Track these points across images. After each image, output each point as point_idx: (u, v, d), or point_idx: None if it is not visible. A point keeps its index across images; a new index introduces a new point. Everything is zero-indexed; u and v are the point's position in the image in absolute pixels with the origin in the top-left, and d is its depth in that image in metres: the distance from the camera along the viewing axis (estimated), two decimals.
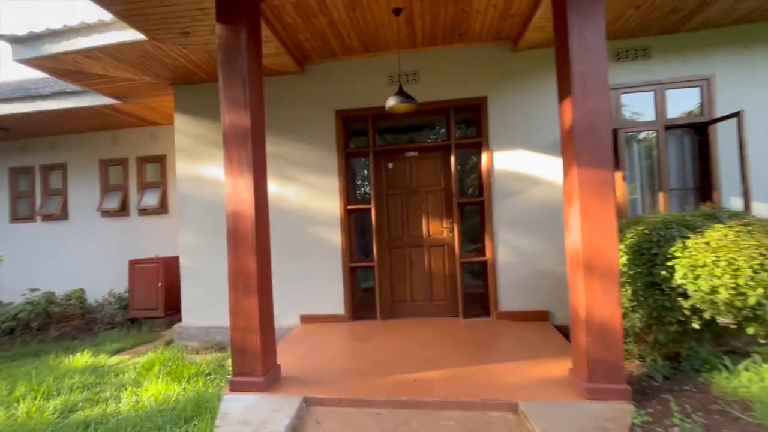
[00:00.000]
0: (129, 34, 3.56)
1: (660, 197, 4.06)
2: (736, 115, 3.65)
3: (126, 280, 5.86)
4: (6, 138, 6.61)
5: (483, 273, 4.46)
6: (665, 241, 2.54)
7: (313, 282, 4.53)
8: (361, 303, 4.71)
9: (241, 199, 2.74)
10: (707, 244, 2.37)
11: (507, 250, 4.27)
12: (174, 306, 5.40)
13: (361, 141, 4.78)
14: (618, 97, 4.14)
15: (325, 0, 3.33)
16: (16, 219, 6.83)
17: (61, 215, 6.57)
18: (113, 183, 6.52)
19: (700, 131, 4.07)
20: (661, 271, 2.48)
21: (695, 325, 2.44)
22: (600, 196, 2.43)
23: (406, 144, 4.74)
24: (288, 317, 4.48)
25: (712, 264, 2.27)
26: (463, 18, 3.76)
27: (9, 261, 6.29)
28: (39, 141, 6.77)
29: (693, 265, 2.35)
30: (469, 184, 4.75)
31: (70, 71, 4.28)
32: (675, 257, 2.44)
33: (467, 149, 4.58)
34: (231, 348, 2.76)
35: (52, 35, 3.79)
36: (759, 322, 2.24)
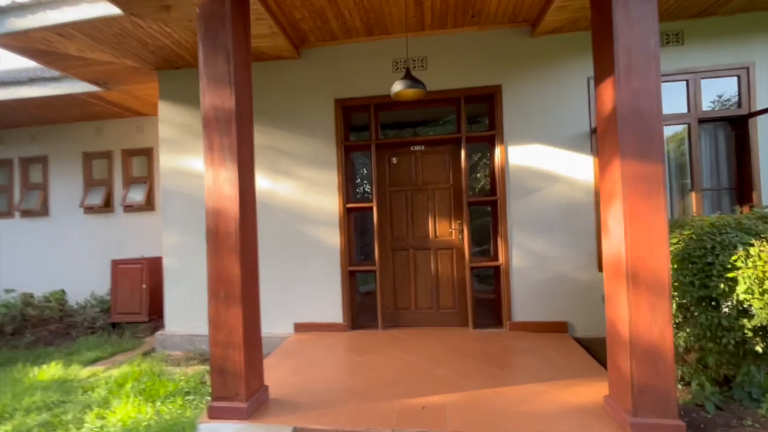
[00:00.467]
0: (102, 7, 3.16)
1: (692, 198, 3.68)
2: None
3: (110, 281, 5.47)
4: None
5: (495, 279, 4.09)
6: (722, 249, 2.17)
7: (309, 287, 4.13)
8: (361, 310, 4.31)
9: (224, 194, 2.36)
10: None
11: (522, 254, 3.88)
12: (159, 311, 5.00)
13: (363, 133, 4.38)
14: None
15: None
16: None
17: (42, 211, 6.16)
18: (97, 177, 6.11)
19: (737, 125, 3.69)
20: (720, 284, 2.10)
21: (758, 348, 2.07)
22: (647, 195, 2.05)
23: (411, 137, 4.35)
24: (281, 325, 4.09)
25: None
26: None
27: None
28: (18, 132, 6.33)
29: (760, 278, 1.97)
30: (481, 181, 4.35)
31: (41, 51, 3.87)
32: (737, 267, 2.06)
33: (479, 143, 4.19)
34: (210, 366, 2.37)
35: (18, 9, 3.39)
36: None
